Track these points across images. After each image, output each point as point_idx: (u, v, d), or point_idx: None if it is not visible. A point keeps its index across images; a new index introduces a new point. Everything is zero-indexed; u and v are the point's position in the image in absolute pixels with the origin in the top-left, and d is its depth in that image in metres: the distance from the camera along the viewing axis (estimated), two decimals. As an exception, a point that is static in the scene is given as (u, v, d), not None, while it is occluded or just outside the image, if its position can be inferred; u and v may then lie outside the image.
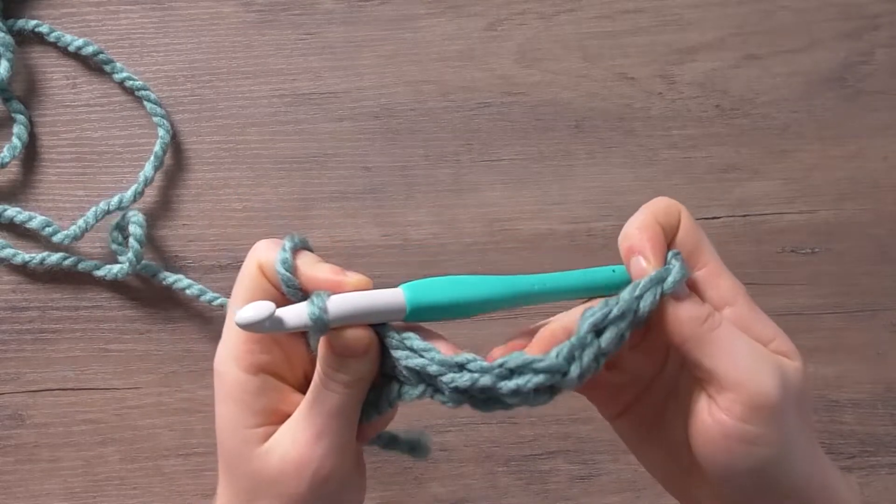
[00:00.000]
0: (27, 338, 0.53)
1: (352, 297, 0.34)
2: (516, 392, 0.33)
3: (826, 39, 0.57)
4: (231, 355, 0.36)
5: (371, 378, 0.36)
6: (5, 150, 0.54)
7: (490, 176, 0.55)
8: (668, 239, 0.37)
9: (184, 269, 0.54)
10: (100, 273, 0.53)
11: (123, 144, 0.55)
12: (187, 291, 0.52)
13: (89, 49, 0.55)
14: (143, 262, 0.53)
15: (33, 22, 0.55)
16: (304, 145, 0.55)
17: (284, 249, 0.35)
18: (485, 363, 0.34)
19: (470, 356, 0.34)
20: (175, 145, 0.55)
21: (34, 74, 0.56)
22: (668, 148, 0.56)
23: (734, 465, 0.35)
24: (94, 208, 0.53)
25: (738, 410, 0.34)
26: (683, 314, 0.35)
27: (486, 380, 0.33)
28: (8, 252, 0.53)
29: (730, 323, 0.35)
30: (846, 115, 0.57)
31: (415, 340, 0.35)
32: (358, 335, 0.34)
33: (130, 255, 0.51)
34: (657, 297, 0.34)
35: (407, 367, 0.35)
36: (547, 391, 0.34)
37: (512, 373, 0.33)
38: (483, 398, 0.34)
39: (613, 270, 0.38)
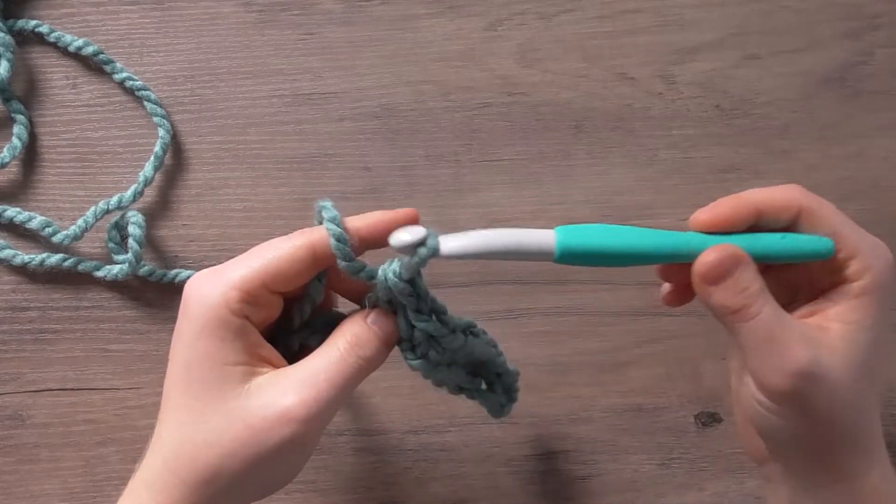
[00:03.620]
0: (27, 338, 0.53)
1: (503, 233, 0.34)
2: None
3: (826, 39, 0.57)
4: (223, 295, 0.37)
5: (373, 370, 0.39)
6: (5, 150, 0.54)
7: (490, 176, 0.55)
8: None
9: (184, 269, 0.54)
10: (100, 273, 0.53)
11: (123, 144, 0.55)
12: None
13: (89, 49, 0.55)
14: (143, 263, 0.53)
15: (33, 22, 0.55)
16: (304, 145, 0.55)
17: (329, 209, 0.38)
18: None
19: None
20: (175, 145, 0.55)
21: (34, 74, 0.56)
22: (668, 148, 0.56)
23: (762, 426, 0.39)
24: (93, 208, 0.53)
25: (756, 390, 0.38)
26: (714, 302, 0.38)
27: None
28: (8, 253, 0.53)
29: (766, 317, 0.37)
30: (846, 115, 0.57)
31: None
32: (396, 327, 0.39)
33: (130, 255, 0.51)
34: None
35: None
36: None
37: None
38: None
39: (783, 237, 0.38)
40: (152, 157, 0.54)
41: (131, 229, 0.51)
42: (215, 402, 0.37)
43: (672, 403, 0.54)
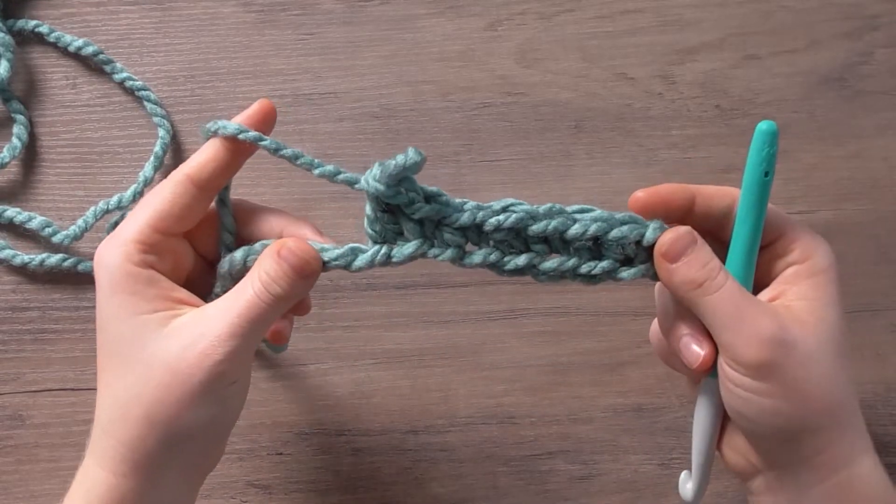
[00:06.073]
0: (27, 338, 0.53)
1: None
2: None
3: (826, 39, 0.57)
4: (122, 251, 0.38)
5: (295, 302, 0.39)
6: (5, 150, 0.54)
7: (490, 176, 0.55)
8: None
9: (184, 269, 0.54)
10: (100, 273, 0.53)
11: (123, 144, 0.55)
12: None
13: (89, 49, 0.55)
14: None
15: (33, 22, 0.55)
16: (304, 145, 0.55)
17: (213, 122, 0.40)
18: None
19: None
20: (175, 145, 0.55)
21: (34, 74, 0.56)
22: (668, 148, 0.56)
23: (742, 412, 0.38)
24: (93, 208, 0.53)
25: (730, 369, 0.38)
26: (679, 277, 0.38)
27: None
28: (8, 253, 0.53)
29: (730, 289, 0.37)
30: (846, 115, 0.57)
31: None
32: (315, 257, 0.39)
33: (130, 255, 0.51)
34: None
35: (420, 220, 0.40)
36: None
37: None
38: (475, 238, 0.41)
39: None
40: (152, 157, 0.54)
41: (131, 229, 0.51)
42: (136, 352, 0.37)
43: (672, 403, 0.54)
